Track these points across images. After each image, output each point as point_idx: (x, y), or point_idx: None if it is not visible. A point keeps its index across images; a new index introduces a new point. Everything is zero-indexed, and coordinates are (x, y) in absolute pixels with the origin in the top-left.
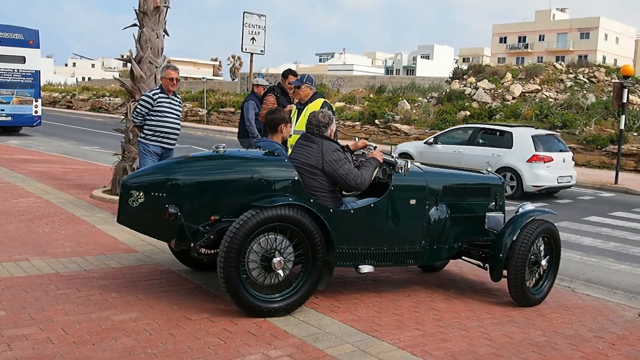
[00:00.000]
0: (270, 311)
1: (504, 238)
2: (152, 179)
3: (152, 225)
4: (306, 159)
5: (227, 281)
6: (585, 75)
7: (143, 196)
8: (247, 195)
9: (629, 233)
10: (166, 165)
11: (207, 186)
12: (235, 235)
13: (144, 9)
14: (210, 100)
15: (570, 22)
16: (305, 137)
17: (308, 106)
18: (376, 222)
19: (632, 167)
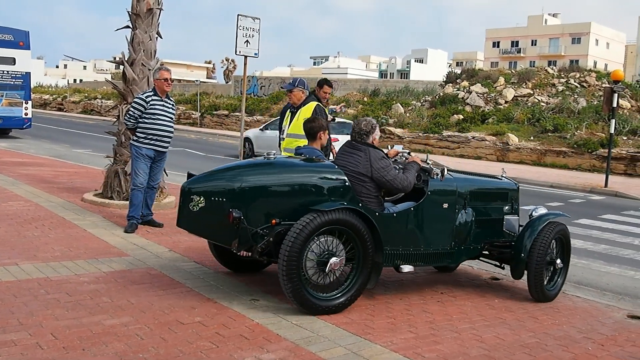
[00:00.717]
0: (328, 309)
1: (524, 240)
2: (213, 185)
3: (212, 228)
4: (355, 167)
5: (289, 281)
6: (577, 79)
7: (204, 201)
8: (302, 200)
9: (619, 235)
10: (224, 171)
11: (264, 191)
12: (297, 238)
13: (136, 10)
14: (204, 103)
15: (562, 27)
16: (351, 145)
17: (301, 110)
18: (415, 225)
19: (622, 170)
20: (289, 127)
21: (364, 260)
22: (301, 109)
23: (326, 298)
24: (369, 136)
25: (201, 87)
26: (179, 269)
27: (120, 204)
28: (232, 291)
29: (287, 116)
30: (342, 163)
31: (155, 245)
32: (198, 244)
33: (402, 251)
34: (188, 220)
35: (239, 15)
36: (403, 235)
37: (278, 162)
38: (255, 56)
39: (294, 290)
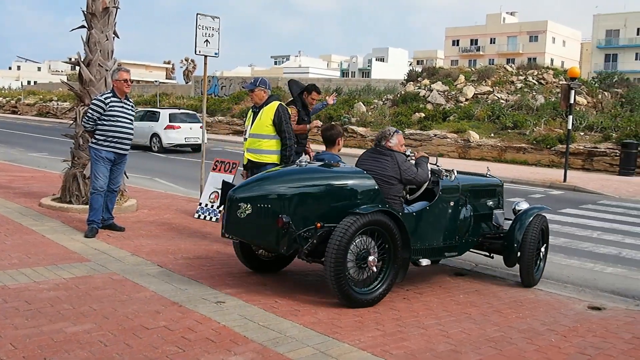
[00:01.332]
0: (367, 302)
1: (515, 232)
2: (258, 192)
3: (258, 233)
4: (383, 170)
5: (337, 279)
6: (535, 77)
7: (250, 208)
8: (338, 203)
9: (578, 229)
10: (267, 179)
11: (305, 196)
12: (342, 239)
13: (92, 10)
14: (164, 104)
15: (519, 25)
16: (376, 152)
17: (263, 109)
18: (429, 222)
19: (579, 165)
20: (252, 127)
21: (394, 256)
22: (264, 109)
23: (365, 292)
24: (388, 141)
25: (160, 88)
26: (142, 273)
27: (79, 209)
28: (197, 294)
29: (249, 116)
30: (368, 167)
31: (117, 250)
32: (161, 247)
33: (420, 246)
34: (235, 227)
35: (198, 14)
36: (420, 231)
37: (314, 169)
38: (216, 56)
39: (340, 286)
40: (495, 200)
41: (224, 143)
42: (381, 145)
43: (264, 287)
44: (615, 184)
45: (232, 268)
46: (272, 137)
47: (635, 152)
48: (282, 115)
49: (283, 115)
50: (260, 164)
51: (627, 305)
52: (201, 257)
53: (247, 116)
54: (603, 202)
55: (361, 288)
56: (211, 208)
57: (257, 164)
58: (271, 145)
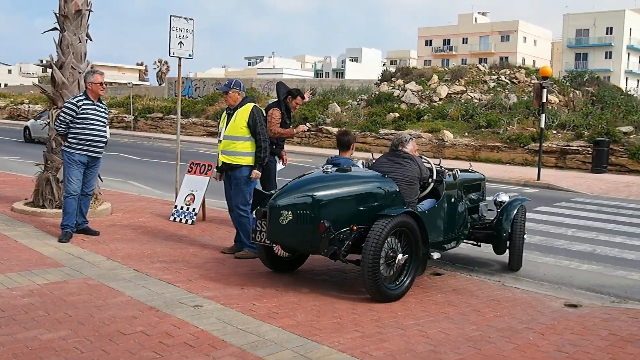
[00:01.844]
0: (396, 296)
1: (503, 223)
2: (297, 200)
3: (298, 238)
4: (405, 172)
5: (373, 278)
6: (507, 76)
7: (291, 215)
8: (366, 206)
9: (552, 227)
10: (302, 186)
11: (338, 201)
12: (378, 240)
13: (64, 12)
14: (137, 106)
15: (491, 25)
16: (396, 155)
17: (238, 111)
18: (438, 218)
19: (553, 163)
20: (226, 128)
21: (416, 253)
22: (238, 111)
23: (394, 287)
24: (407, 147)
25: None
26: (117, 277)
27: (52, 213)
28: (173, 298)
29: (224, 118)
30: (387, 170)
31: (92, 254)
32: (136, 251)
33: (431, 241)
34: (277, 233)
35: (171, 16)
36: (432, 227)
37: (345, 175)
38: (190, 57)
39: (377, 284)
40: (480, 194)
41: (199, 145)
42: (399, 150)
43: (241, 289)
44: (588, 182)
45: (208, 271)
46: (247, 139)
47: (607, 149)
48: (257, 117)
49: (257, 117)
50: (234, 166)
51: (603, 302)
52: (177, 260)
53: (221, 118)
54: (577, 199)
55: (388, 284)
56: (187, 211)
57: (232, 166)
58: (246, 147)
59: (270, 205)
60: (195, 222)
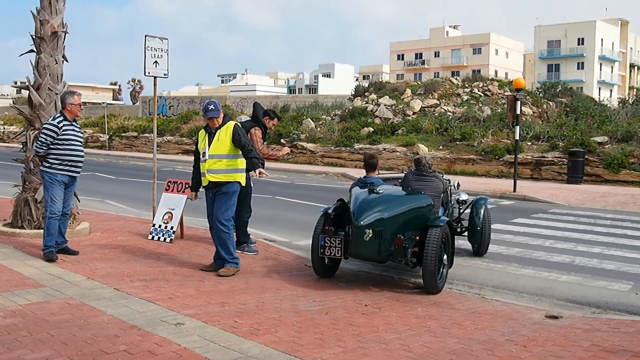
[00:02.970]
0: (441, 287)
1: (475, 218)
2: (374, 219)
3: (377, 250)
4: (434, 187)
5: (433, 276)
6: (480, 89)
7: (371, 232)
8: (417, 219)
9: (530, 238)
10: (373, 207)
11: (400, 216)
12: (436, 244)
13: (41, 34)
14: (112, 126)
15: (463, 38)
16: (424, 174)
17: (220, 130)
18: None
19: (528, 175)
20: (210, 148)
21: (450, 252)
22: (220, 130)
23: (440, 280)
24: (430, 168)
25: (108, 109)
26: (98, 297)
27: (31, 233)
28: (155, 316)
29: (203, 137)
30: (419, 187)
31: (72, 274)
32: (116, 270)
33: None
34: (361, 248)
35: (146, 36)
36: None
37: (400, 196)
38: (165, 77)
39: (435, 280)
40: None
41: (174, 163)
42: (426, 170)
43: (222, 307)
44: (564, 192)
45: (188, 289)
46: (233, 156)
47: (582, 160)
48: (240, 132)
49: (241, 132)
50: (221, 183)
51: (584, 313)
52: (157, 278)
53: (200, 138)
54: (553, 210)
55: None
56: (165, 229)
57: (219, 183)
58: (232, 164)
59: (355, 226)
60: (174, 240)
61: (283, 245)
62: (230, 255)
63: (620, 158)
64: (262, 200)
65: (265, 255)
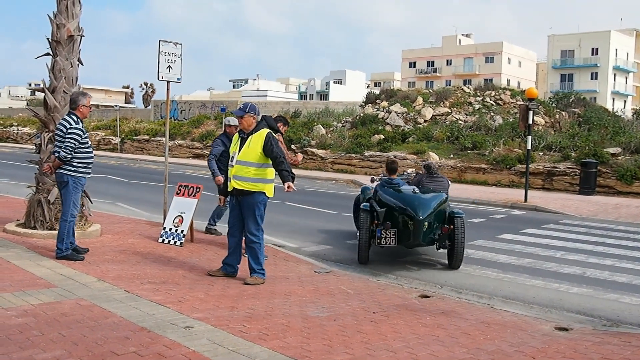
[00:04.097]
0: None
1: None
2: (427, 213)
3: (428, 239)
4: (444, 186)
5: (462, 255)
6: (492, 97)
7: (427, 224)
8: (443, 211)
9: (541, 249)
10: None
11: (438, 210)
12: (464, 230)
13: (57, 38)
14: (124, 128)
15: (475, 46)
16: (435, 176)
17: (252, 136)
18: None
19: (539, 185)
20: (239, 153)
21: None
22: (252, 136)
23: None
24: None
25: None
26: (109, 298)
27: (44, 234)
28: (164, 319)
29: (237, 141)
30: (434, 187)
31: (83, 275)
32: (127, 272)
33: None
34: (420, 238)
35: (160, 40)
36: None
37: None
38: (178, 81)
39: (461, 259)
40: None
41: (185, 166)
42: (436, 172)
43: (231, 311)
44: (576, 203)
45: (198, 292)
46: (261, 165)
47: (594, 171)
48: (272, 141)
49: (272, 141)
50: (246, 192)
51: (594, 325)
52: (167, 281)
53: (234, 141)
54: (565, 221)
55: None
56: (175, 232)
57: (244, 192)
58: (258, 173)
59: (417, 220)
60: (184, 243)
61: (292, 251)
62: (258, 265)
63: (634, 170)
64: (272, 206)
65: (274, 260)
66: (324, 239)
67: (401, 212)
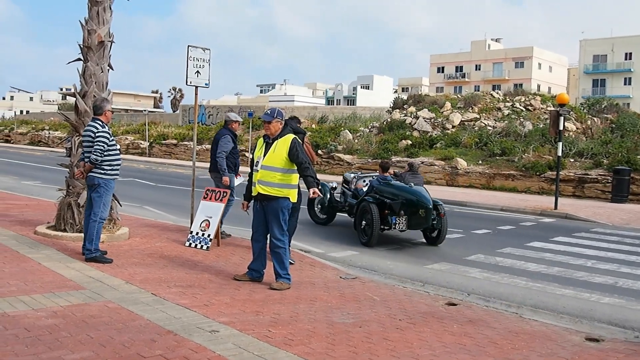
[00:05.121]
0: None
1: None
2: (431, 202)
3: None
4: (421, 182)
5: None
6: (522, 103)
7: (425, 212)
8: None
9: (571, 257)
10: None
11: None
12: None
13: (88, 43)
14: (152, 133)
15: (505, 51)
16: (415, 171)
17: (278, 141)
18: None
19: (570, 192)
20: (264, 158)
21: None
22: (278, 141)
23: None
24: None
25: (149, 117)
26: (136, 301)
27: (73, 237)
28: (191, 322)
29: (261, 146)
30: (415, 182)
31: (111, 278)
32: (154, 275)
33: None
34: (428, 222)
35: (189, 46)
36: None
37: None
38: (206, 86)
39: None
40: None
41: None
42: (417, 171)
43: (256, 315)
44: (608, 211)
45: (224, 297)
46: (286, 170)
47: (627, 178)
48: (298, 147)
49: (298, 146)
50: (271, 197)
51: (626, 336)
52: (194, 285)
53: (258, 146)
54: (596, 230)
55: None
56: (202, 236)
57: (268, 197)
58: (284, 179)
59: (426, 208)
60: (210, 247)
61: (318, 257)
62: (284, 270)
63: None
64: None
65: (300, 266)
66: (350, 245)
67: (411, 202)
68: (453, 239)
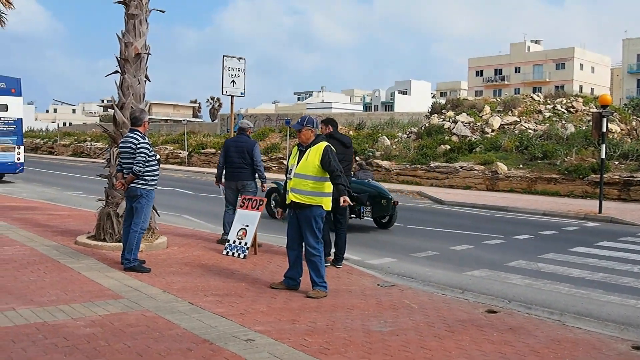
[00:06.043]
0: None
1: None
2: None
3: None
4: (371, 177)
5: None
6: (563, 105)
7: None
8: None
9: (617, 263)
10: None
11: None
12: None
13: (125, 56)
14: (191, 142)
15: (545, 53)
16: (366, 169)
17: (310, 149)
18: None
19: (615, 195)
20: (297, 166)
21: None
22: (310, 149)
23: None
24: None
25: (188, 127)
26: (173, 310)
27: (113, 246)
28: (226, 331)
29: (295, 154)
30: (365, 178)
31: (149, 287)
32: (191, 284)
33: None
34: (388, 210)
35: (224, 56)
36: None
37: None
38: (242, 95)
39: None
40: None
41: None
42: (366, 168)
43: (292, 324)
44: None
45: (260, 305)
46: (318, 178)
47: None
48: (331, 155)
49: (330, 154)
50: (304, 205)
51: None
52: (230, 294)
53: (292, 154)
54: None
55: None
56: (239, 245)
57: (301, 205)
58: (316, 187)
59: (388, 199)
60: (247, 256)
61: (355, 264)
62: (320, 278)
63: None
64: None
65: (337, 273)
66: (387, 252)
67: (374, 195)
68: (493, 244)
